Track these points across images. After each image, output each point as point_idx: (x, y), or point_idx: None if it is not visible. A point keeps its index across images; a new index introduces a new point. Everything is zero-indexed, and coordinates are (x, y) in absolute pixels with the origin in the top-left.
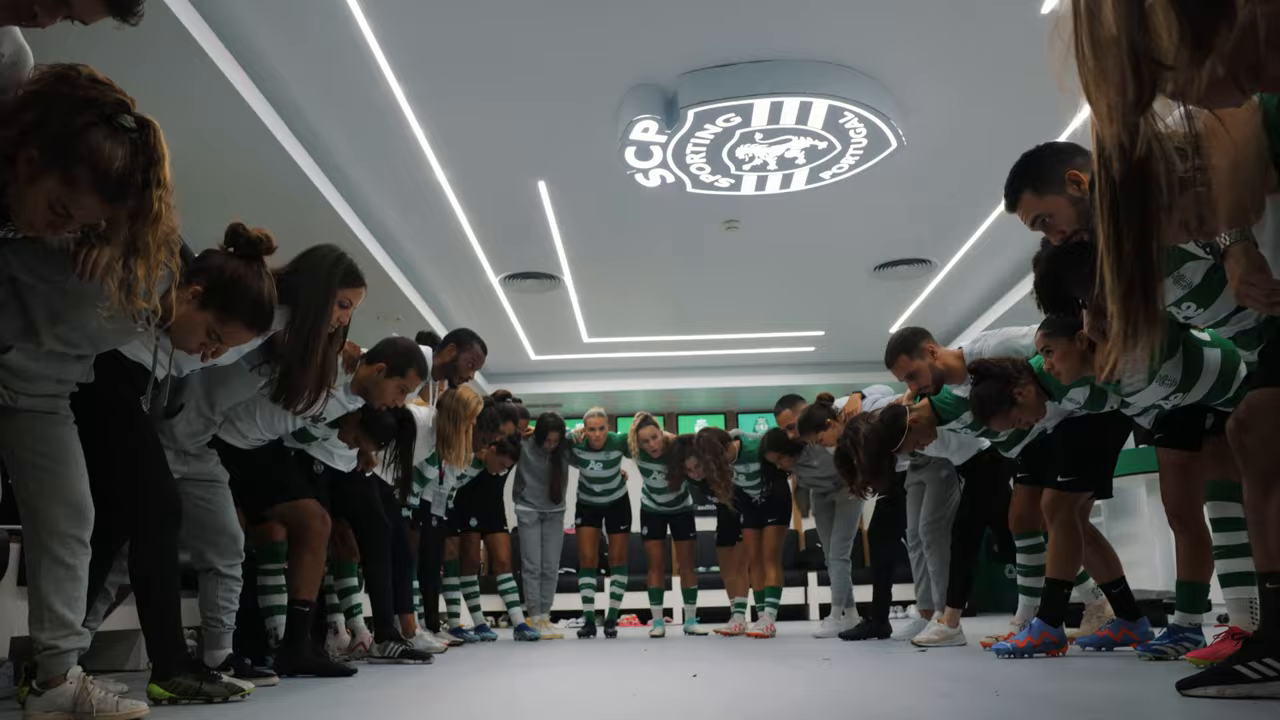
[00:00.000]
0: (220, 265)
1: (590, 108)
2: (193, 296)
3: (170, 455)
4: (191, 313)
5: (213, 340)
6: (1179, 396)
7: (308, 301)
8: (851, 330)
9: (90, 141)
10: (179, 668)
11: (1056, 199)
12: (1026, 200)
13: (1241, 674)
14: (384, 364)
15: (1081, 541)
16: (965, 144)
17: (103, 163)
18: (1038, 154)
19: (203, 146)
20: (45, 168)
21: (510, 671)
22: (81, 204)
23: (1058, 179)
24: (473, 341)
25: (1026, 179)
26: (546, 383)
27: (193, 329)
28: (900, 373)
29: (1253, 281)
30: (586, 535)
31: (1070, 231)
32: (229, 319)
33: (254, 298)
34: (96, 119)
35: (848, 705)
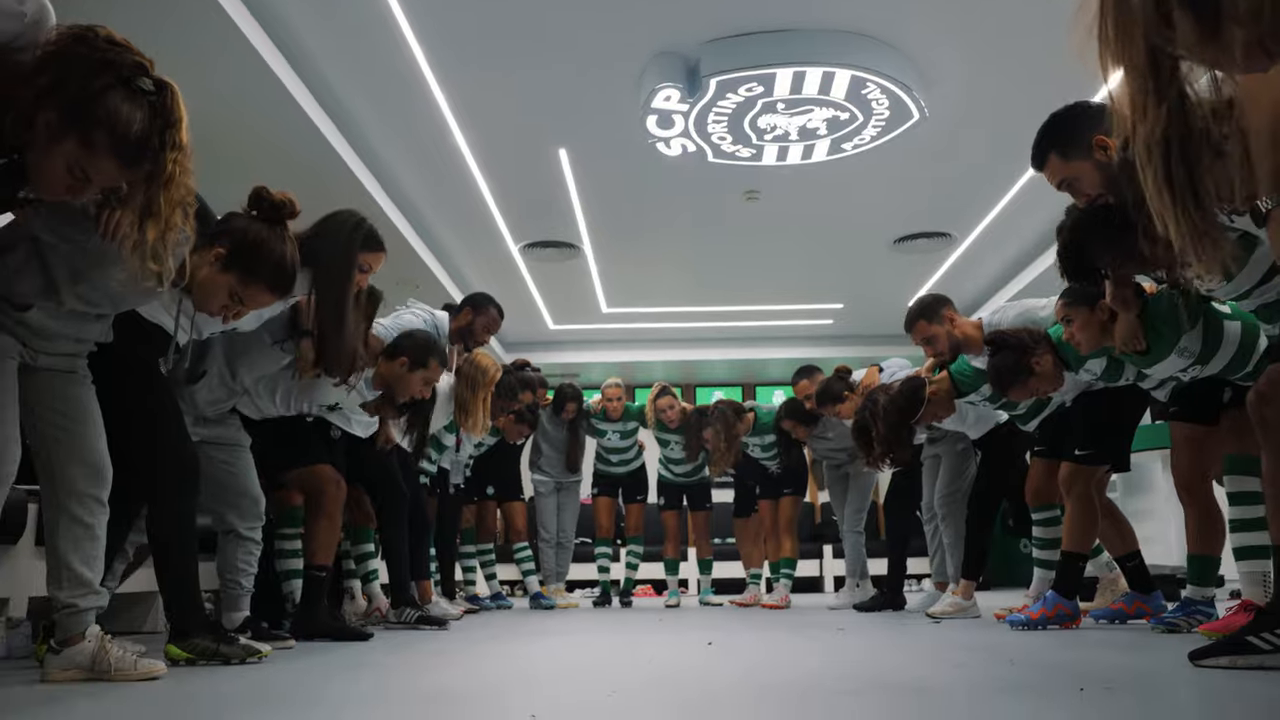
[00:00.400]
0: (244, 228)
1: (612, 76)
2: (215, 259)
3: (190, 420)
4: (214, 275)
5: (235, 303)
6: (1198, 368)
7: (330, 268)
8: (870, 303)
9: (108, 104)
10: (197, 629)
11: (1083, 164)
12: (1053, 163)
13: (1253, 645)
14: (405, 358)
15: (1098, 515)
16: (987, 117)
17: (120, 126)
18: (1066, 116)
19: (224, 110)
20: (63, 131)
21: (525, 639)
22: (100, 168)
23: (1085, 144)
24: (489, 306)
25: (1054, 141)
26: (565, 352)
27: (215, 291)
28: (918, 337)
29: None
30: (603, 505)
31: (1095, 195)
32: (251, 282)
33: (277, 261)
34: (114, 81)
35: (863, 674)
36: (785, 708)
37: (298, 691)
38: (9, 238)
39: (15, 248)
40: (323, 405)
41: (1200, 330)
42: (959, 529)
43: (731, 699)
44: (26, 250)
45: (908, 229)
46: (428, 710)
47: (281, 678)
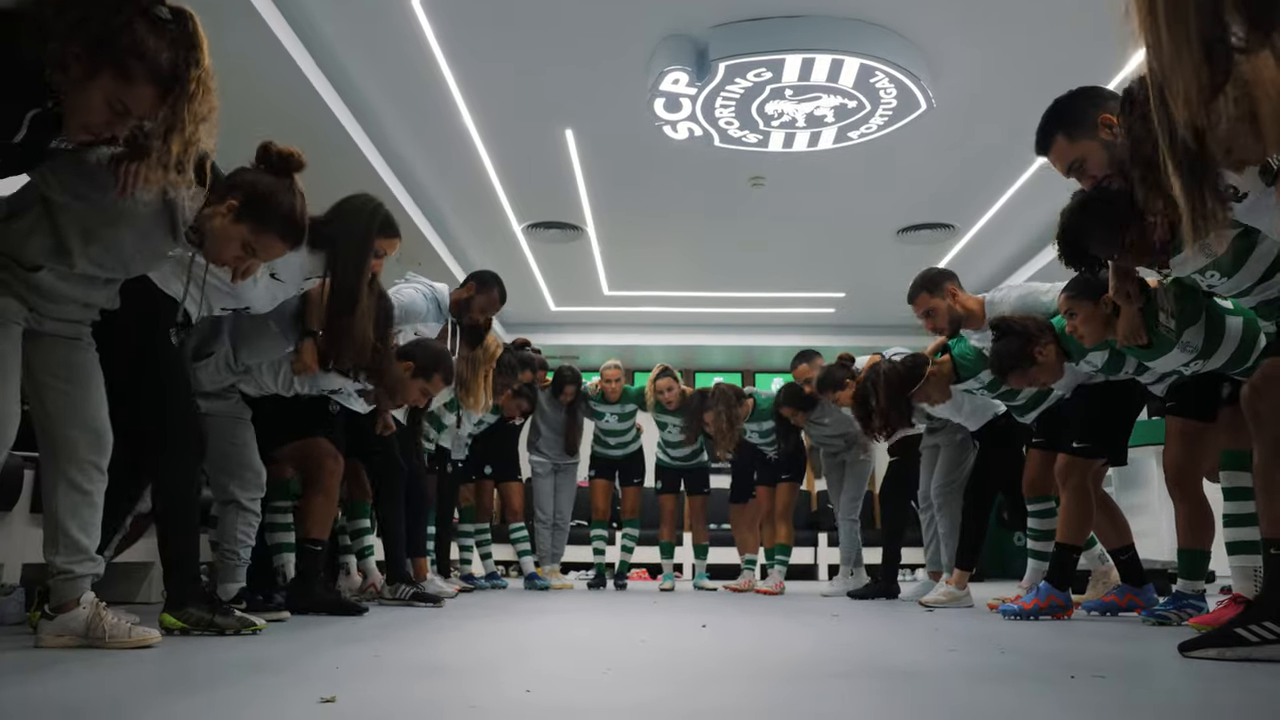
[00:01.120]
0: (253, 180)
1: (621, 58)
2: (228, 210)
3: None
4: (227, 226)
5: (248, 254)
6: (1199, 363)
7: (347, 252)
8: (872, 293)
9: (136, 34)
10: (193, 599)
11: (1089, 143)
12: (1059, 144)
13: (1241, 637)
14: (412, 364)
15: (1093, 507)
16: (994, 109)
17: (150, 54)
18: (1070, 98)
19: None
20: (97, 66)
21: (520, 617)
22: (138, 96)
23: (1090, 123)
24: (493, 286)
25: (1059, 123)
26: (565, 334)
27: (228, 242)
28: (919, 309)
29: None
30: (600, 487)
31: (1102, 176)
32: (264, 231)
33: (287, 211)
34: (136, 13)
35: (856, 659)
36: (778, 689)
37: (291, 663)
38: (20, 201)
39: (27, 210)
40: (324, 389)
41: (1203, 325)
42: (955, 519)
43: (725, 679)
44: (38, 212)
45: (911, 219)
46: (422, 683)
47: (275, 649)
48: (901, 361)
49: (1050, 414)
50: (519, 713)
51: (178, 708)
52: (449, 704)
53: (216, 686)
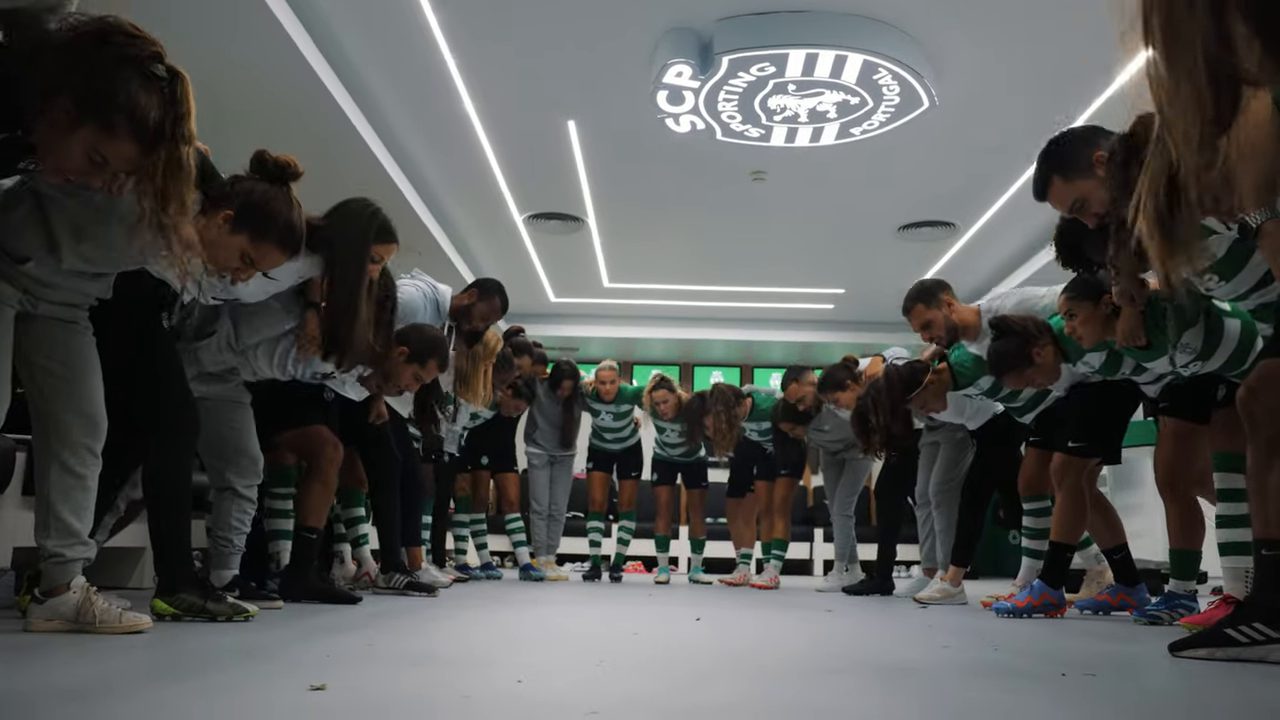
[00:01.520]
0: (249, 189)
1: (625, 49)
2: (224, 221)
3: (193, 375)
4: (224, 237)
5: (246, 264)
6: (1198, 365)
7: (345, 258)
8: (871, 290)
9: (128, 90)
10: (185, 585)
11: (1087, 183)
12: (1056, 187)
13: (1231, 637)
14: (406, 348)
15: (1087, 506)
16: (995, 109)
17: (139, 110)
18: (1061, 140)
19: (235, 71)
20: (82, 118)
21: (514, 608)
22: (119, 152)
23: (1085, 162)
24: (495, 295)
25: (1053, 166)
26: (564, 326)
27: (227, 252)
28: (915, 322)
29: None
30: (597, 480)
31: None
32: (262, 242)
33: (285, 220)
34: (133, 72)
35: (849, 654)
36: (772, 684)
37: (283, 650)
38: (14, 193)
39: (19, 204)
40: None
41: (1202, 327)
42: (952, 516)
43: (719, 674)
44: (29, 206)
45: (912, 217)
46: (414, 672)
47: (267, 636)
48: (900, 369)
49: (1047, 413)
50: (511, 704)
51: (167, 693)
52: (441, 694)
53: (207, 672)
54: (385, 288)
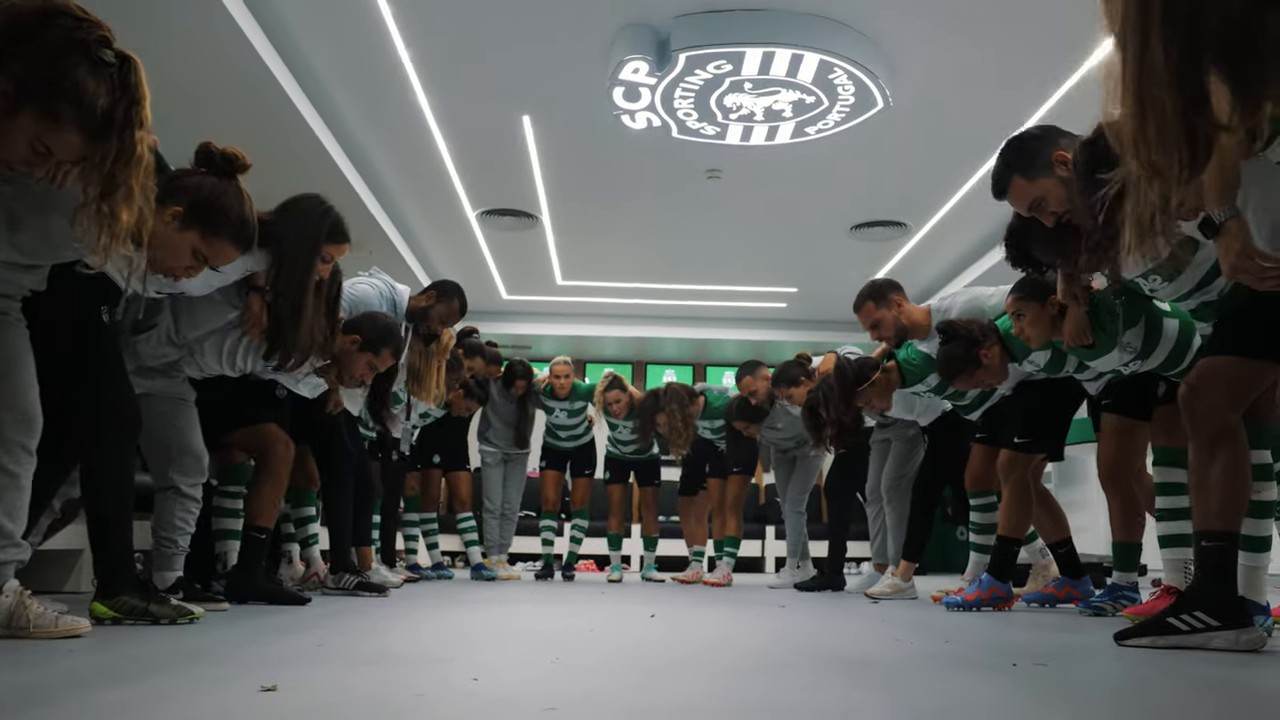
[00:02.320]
0: (198, 184)
1: (581, 45)
2: (172, 217)
3: (134, 370)
4: (172, 234)
5: (199, 261)
6: (1138, 363)
7: (294, 256)
8: (824, 289)
9: (74, 78)
10: (126, 587)
11: (1046, 181)
12: (1017, 186)
13: (1173, 626)
14: (359, 336)
15: (1033, 502)
16: (948, 110)
17: (87, 99)
18: (1021, 140)
19: (180, 59)
20: (23, 104)
21: (467, 607)
22: (64, 142)
23: (1044, 161)
24: (454, 297)
25: (1014, 165)
26: (517, 323)
27: (177, 250)
28: (865, 320)
29: (1250, 256)
30: (550, 478)
31: (1063, 213)
32: (215, 238)
33: (238, 215)
34: (80, 58)
35: (803, 648)
36: (728, 678)
37: (231, 652)
38: None
39: None
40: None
41: (1142, 327)
42: (903, 512)
43: (675, 669)
44: None
45: (865, 216)
46: (367, 672)
47: (214, 638)
48: (851, 363)
49: (993, 411)
50: (466, 702)
51: (108, 698)
52: (395, 693)
53: (150, 676)
54: (334, 286)
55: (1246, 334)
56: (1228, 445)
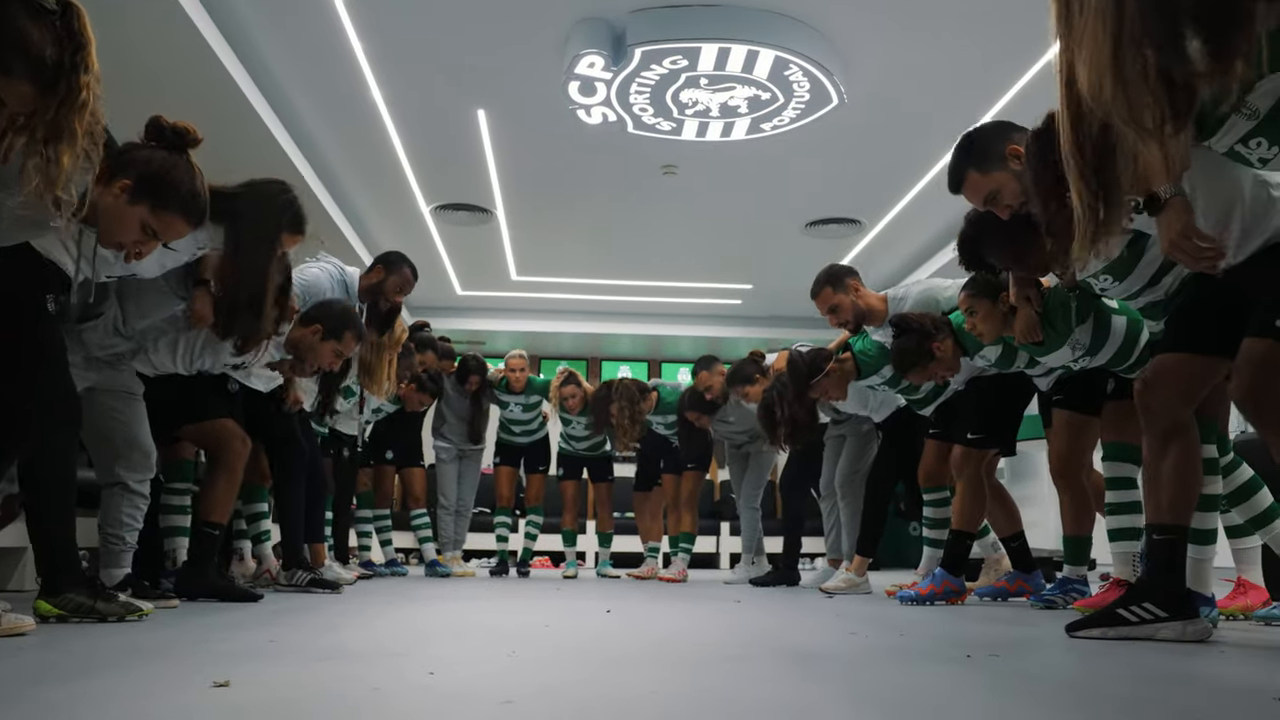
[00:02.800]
0: (148, 158)
1: (537, 38)
2: (121, 190)
3: (80, 361)
4: (122, 208)
5: (148, 236)
6: (1086, 359)
7: (253, 243)
8: (779, 285)
9: (16, 26)
10: (71, 584)
11: (1001, 175)
12: (972, 179)
13: (1123, 617)
14: (320, 326)
15: (986, 496)
16: (903, 107)
17: (33, 48)
18: (976, 134)
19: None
20: None
21: (421, 603)
22: (16, 93)
23: (998, 155)
24: (403, 265)
25: (969, 159)
26: (471, 319)
27: (126, 224)
28: (823, 305)
29: (1189, 235)
30: (504, 475)
31: (1018, 205)
32: (165, 211)
33: (189, 189)
34: (19, 5)
35: (759, 641)
36: (685, 671)
37: (181, 648)
38: None
39: None
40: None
41: (1091, 324)
42: (857, 508)
43: (633, 662)
44: None
45: (819, 213)
46: (322, 667)
47: (164, 635)
48: (804, 356)
49: (945, 406)
50: (423, 695)
51: (54, 696)
52: (350, 687)
53: (97, 673)
54: (283, 272)
55: (1197, 331)
56: (1180, 440)
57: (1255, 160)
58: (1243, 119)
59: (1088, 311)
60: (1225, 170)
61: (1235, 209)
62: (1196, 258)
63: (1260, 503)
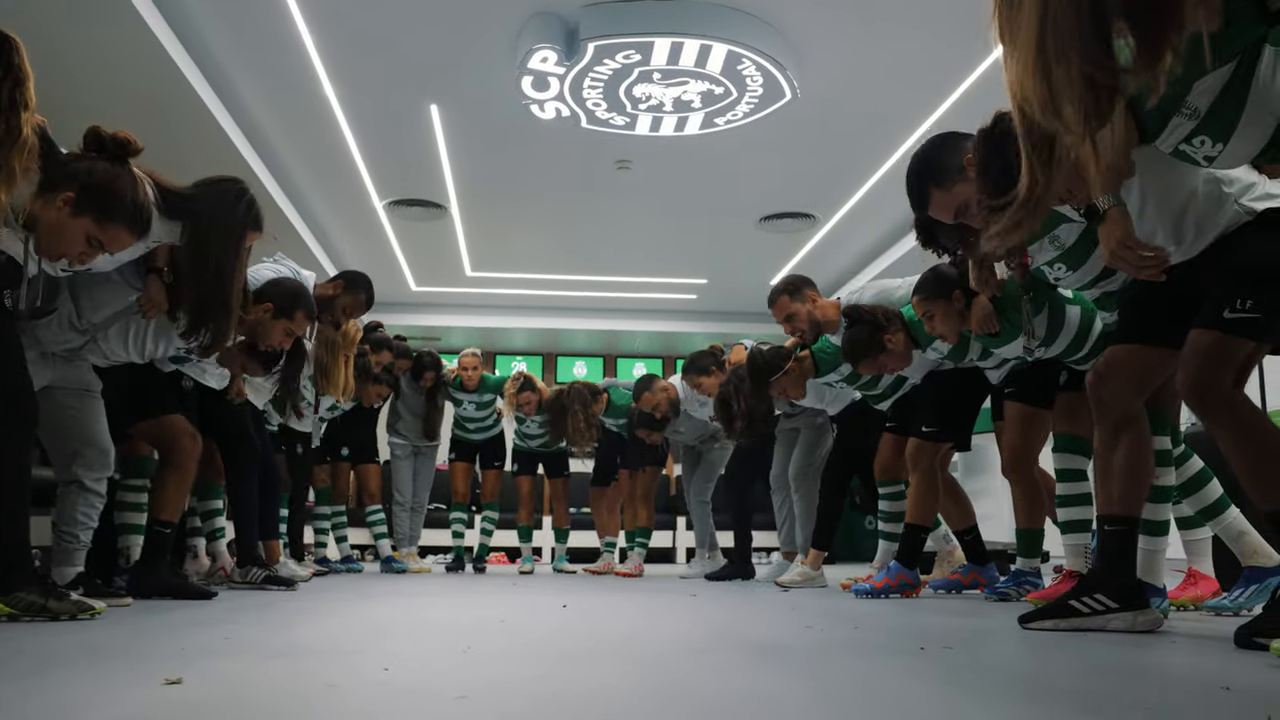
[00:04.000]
0: (89, 169)
1: (489, 33)
2: (64, 204)
3: (36, 357)
4: (65, 221)
5: (94, 248)
6: (1042, 349)
7: (220, 245)
8: (734, 280)
9: None
10: (23, 582)
11: (963, 187)
12: (936, 198)
13: (1075, 608)
14: (270, 304)
15: (940, 490)
16: (856, 102)
17: None
18: (929, 152)
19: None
20: None
21: (376, 599)
22: None
23: (956, 167)
24: (361, 290)
25: (928, 177)
26: (426, 315)
27: (69, 237)
28: (779, 313)
29: (1129, 245)
30: (459, 470)
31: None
32: (109, 223)
33: (132, 199)
34: None
35: (715, 635)
36: (641, 666)
37: (133, 646)
38: None
39: None
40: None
41: (1046, 315)
42: (811, 501)
43: (588, 657)
44: None
45: (774, 208)
46: (276, 663)
47: (115, 632)
48: (764, 353)
49: (903, 400)
50: (378, 691)
51: (3, 693)
52: (305, 684)
53: (47, 670)
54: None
55: (1150, 322)
56: (1131, 432)
57: (1201, 158)
58: (1185, 119)
59: (1042, 302)
60: (1176, 171)
61: (1189, 207)
62: (1137, 266)
63: (1210, 494)
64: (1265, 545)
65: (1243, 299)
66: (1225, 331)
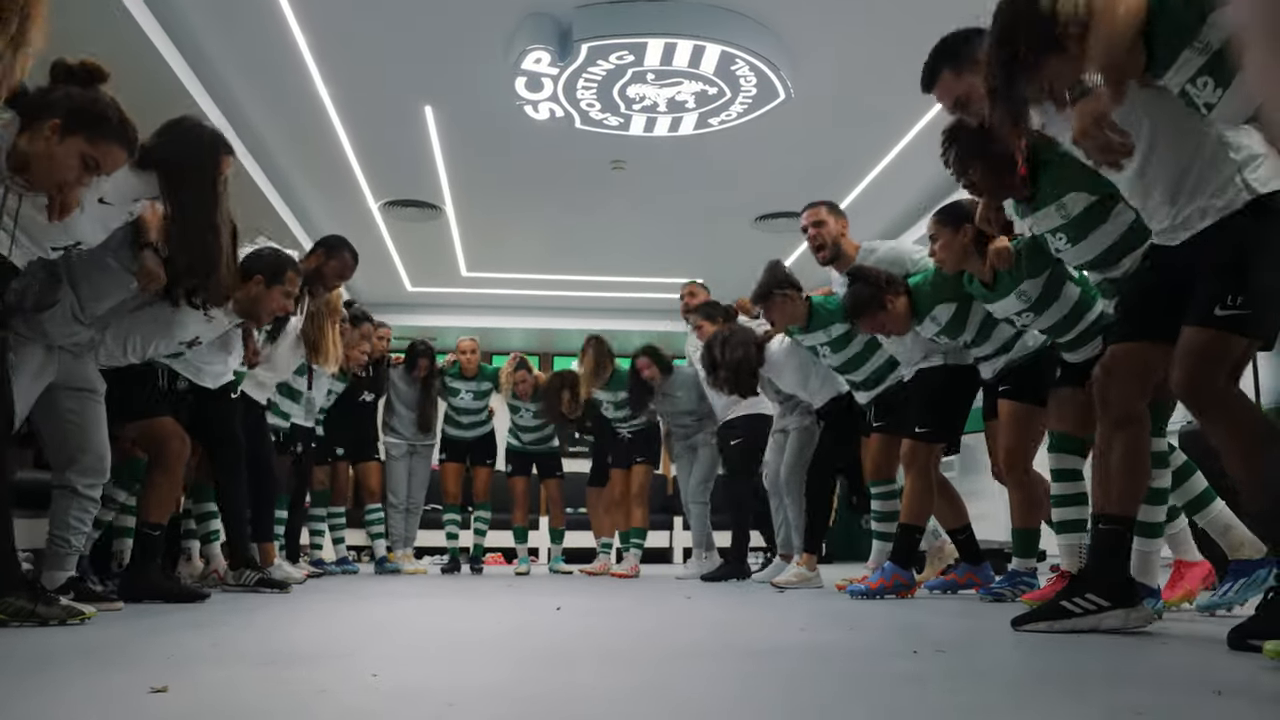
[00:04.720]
0: (67, 94)
1: (483, 34)
2: (52, 132)
3: (43, 351)
4: (55, 148)
5: (90, 169)
6: (1030, 316)
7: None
8: (728, 280)
9: None
10: (11, 588)
11: (973, 79)
12: (945, 80)
13: (1067, 609)
14: (261, 276)
15: (934, 489)
16: (850, 101)
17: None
18: (955, 36)
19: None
20: None
21: (370, 601)
22: None
23: (973, 58)
24: (343, 250)
25: (945, 59)
26: (422, 315)
27: (63, 162)
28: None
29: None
30: (451, 471)
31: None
32: (101, 140)
33: (119, 116)
34: None
35: (710, 637)
36: (633, 670)
37: (121, 650)
38: None
39: None
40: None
41: (1043, 281)
42: (802, 503)
43: (579, 661)
44: None
45: (769, 207)
46: (265, 669)
47: (104, 637)
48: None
49: (888, 400)
50: (367, 696)
51: None
52: (296, 689)
53: (34, 674)
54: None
55: (1150, 316)
56: (1132, 430)
57: (1201, 105)
58: (1195, 54)
59: (1043, 267)
60: (1189, 119)
61: (1194, 163)
62: (1103, 149)
63: (1195, 487)
64: (1252, 537)
65: (1234, 295)
66: (1218, 329)
